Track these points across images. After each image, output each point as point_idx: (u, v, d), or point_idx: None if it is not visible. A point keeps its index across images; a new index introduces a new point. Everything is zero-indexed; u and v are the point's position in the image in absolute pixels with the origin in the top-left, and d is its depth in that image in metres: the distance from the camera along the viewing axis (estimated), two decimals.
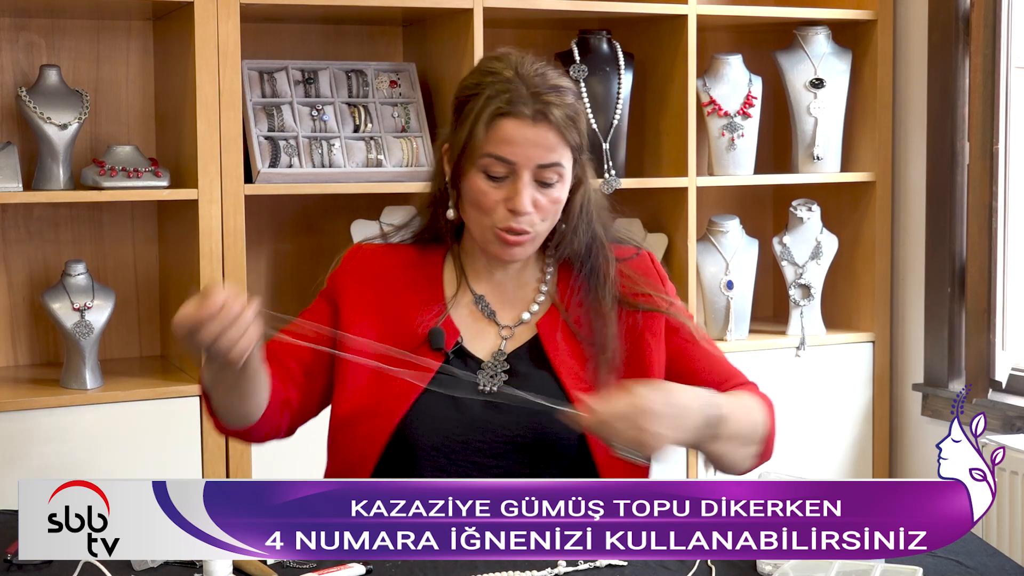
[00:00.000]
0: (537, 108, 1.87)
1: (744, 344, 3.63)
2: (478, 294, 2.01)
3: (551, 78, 1.91)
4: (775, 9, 3.66)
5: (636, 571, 1.58)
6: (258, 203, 3.30)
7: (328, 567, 1.56)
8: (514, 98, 1.88)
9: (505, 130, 1.88)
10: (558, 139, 1.89)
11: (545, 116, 1.87)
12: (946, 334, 3.62)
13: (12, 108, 3.16)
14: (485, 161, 1.89)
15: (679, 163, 3.52)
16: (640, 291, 2.00)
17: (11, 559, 1.61)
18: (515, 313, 2.01)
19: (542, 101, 1.87)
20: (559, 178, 1.91)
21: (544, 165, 1.88)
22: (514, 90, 1.88)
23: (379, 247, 2.06)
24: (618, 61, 3.50)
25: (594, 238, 2.00)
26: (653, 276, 2.05)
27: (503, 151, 1.88)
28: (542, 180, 1.89)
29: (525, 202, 1.88)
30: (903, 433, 3.82)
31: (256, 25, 3.33)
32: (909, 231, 3.77)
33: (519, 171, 1.88)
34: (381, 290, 1.99)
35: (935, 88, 3.61)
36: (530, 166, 1.88)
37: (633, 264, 2.05)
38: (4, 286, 3.22)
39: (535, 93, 1.88)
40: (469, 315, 1.99)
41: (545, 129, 1.87)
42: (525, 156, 1.88)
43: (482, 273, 2.02)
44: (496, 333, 1.99)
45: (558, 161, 1.90)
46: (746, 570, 1.59)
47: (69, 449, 2.93)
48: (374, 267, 2.02)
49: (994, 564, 1.61)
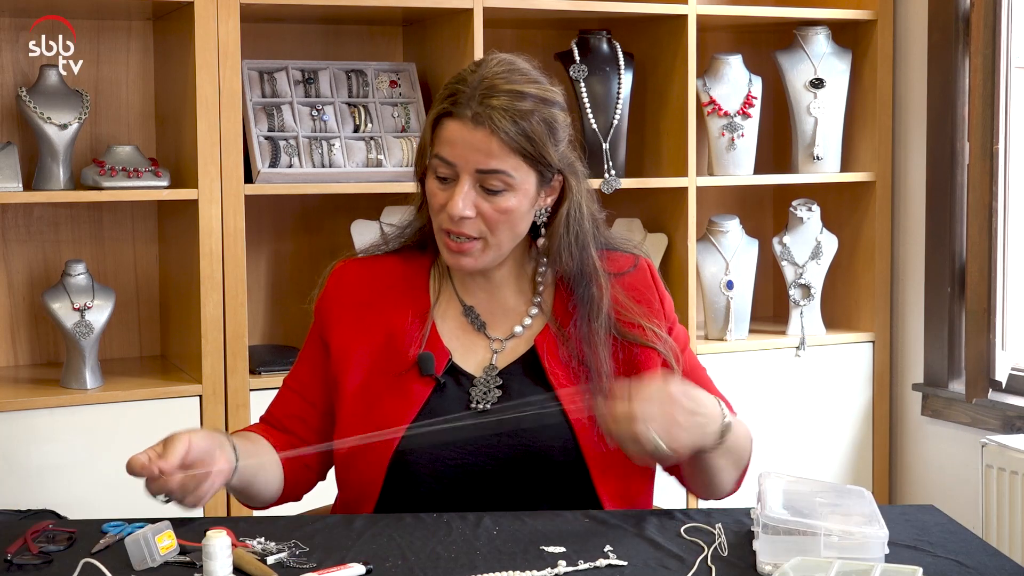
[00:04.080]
0: (478, 111, 1.81)
1: (744, 344, 3.63)
2: (467, 305, 1.97)
3: (510, 81, 1.84)
4: (775, 9, 3.67)
5: (636, 571, 1.58)
6: (258, 203, 3.30)
7: (328, 567, 1.56)
8: (459, 99, 1.83)
9: (447, 131, 1.84)
10: (501, 145, 1.81)
11: (485, 119, 1.81)
12: (946, 334, 3.63)
13: (12, 108, 3.16)
14: (434, 162, 1.86)
15: (679, 163, 3.52)
16: (634, 321, 1.93)
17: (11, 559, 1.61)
18: (507, 326, 1.96)
19: (486, 105, 1.81)
20: (506, 187, 1.83)
21: (484, 171, 1.82)
22: (462, 91, 1.83)
23: (362, 262, 2.02)
24: (618, 61, 3.50)
25: (585, 260, 1.93)
26: (651, 292, 1.98)
27: (445, 152, 1.84)
28: (486, 186, 1.83)
29: (457, 205, 1.82)
30: (903, 433, 3.82)
31: (256, 25, 3.33)
32: (909, 231, 3.77)
33: (460, 173, 1.83)
34: (368, 312, 1.95)
35: (935, 88, 3.61)
36: (469, 169, 1.83)
37: (631, 279, 1.98)
38: (4, 286, 3.22)
39: (483, 96, 1.82)
40: (458, 327, 1.95)
41: (485, 133, 1.81)
42: (464, 159, 1.83)
43: (468, 282, 1.98)
44: (487, 346, 1.94)
45: (500, 169, 1.82)
46: (746, 570, 1.59)
47: (69, 449, 2.93)
48: (358, 288, 1.98)
49: (994, 564, 1.61)
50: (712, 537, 1.70)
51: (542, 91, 1.86)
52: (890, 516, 1.70)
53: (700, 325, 3.67)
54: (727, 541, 1.68)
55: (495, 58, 1.89)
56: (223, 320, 3.04)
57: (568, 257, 1.92)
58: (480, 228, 1.85)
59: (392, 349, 1.92)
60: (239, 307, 3.05)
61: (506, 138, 1.81)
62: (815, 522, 1.59)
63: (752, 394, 3.63)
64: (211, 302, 3.02)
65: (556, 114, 1.87)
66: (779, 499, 1.68)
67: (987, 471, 3.14)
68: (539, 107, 1.84)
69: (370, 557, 1.59)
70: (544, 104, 1.85)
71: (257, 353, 3.18)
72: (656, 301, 1.98)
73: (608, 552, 1.64)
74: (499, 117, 1.81)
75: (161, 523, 1.62)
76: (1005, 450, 3.11)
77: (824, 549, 1.57)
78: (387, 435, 1.84)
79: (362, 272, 2.00)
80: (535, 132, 1.83)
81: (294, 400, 2.00)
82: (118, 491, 2.96)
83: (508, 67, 1.86)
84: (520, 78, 1.85)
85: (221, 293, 3.03)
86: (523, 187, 1.85)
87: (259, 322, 3.46)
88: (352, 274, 2.00)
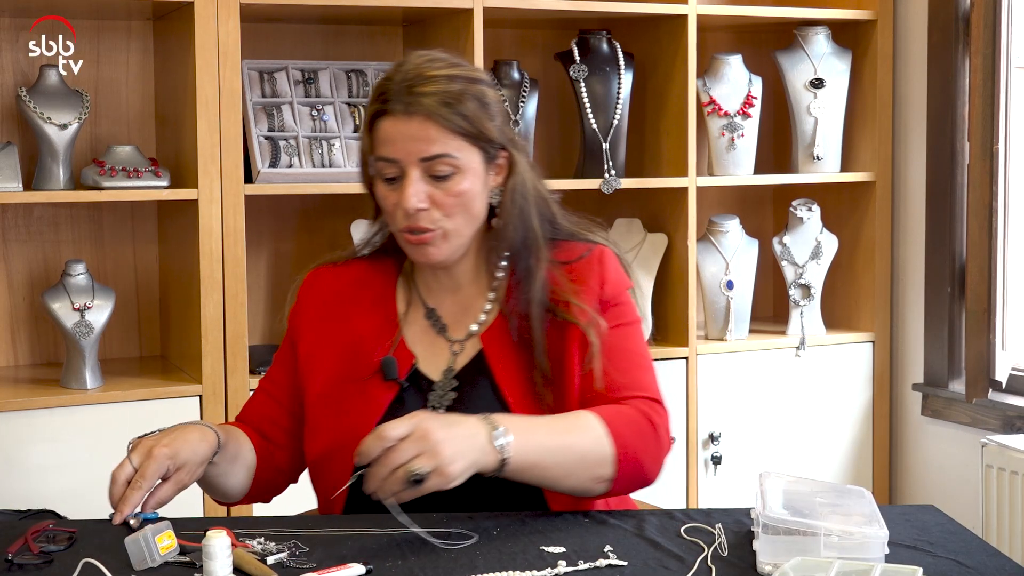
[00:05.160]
0: (407, 101, 1.82)
1: (744, 344, 3.63)
2: (430, 307, 1.97)
3: (433, 68, 1.85)
4: (775, 9, 3.67)
5: (636, 571, 1.58)
6: (258, 203, 3.30)
7: (328, 567, 1.56)
8: (387, 96, 1.84)
9: (383, 130, 1.85)
10: (439, 129, 1.82)
11: (417, 107, 1.82)
12: (946, 334, 3.63)
13: (12, 108, 3.16)
14: (378, 166, 1.87)
15: (679, 163, 3.52)
16: (564, 298, 1.91)
17: (11, 559, 1.61)
18: (465, 325, 1.96)
19: (413, 93, 1.82)
20: (454, 170, 1.84)
21: (428, 158, 1.83)
22: (388, 88, 1.84)
23: (333, 270, 2.03)
24: (618, 61, 3.50)
25: (528, 232, 1.92)
26: (592, 275, 1.95)
27: (385, 151, 1.85)
28: (434, 174, 1.84)
29: (410, 199, 1.83)
30: (903, 433, 3.82)
31: (256, 25, 3.33)
32: (909, 231, 3.77)
33: (405, 168, 1.84)
34: (336, 318, 1.97)
35: (935, 88, 3.61)
36: (413, 161, 1.83)
37: (578, 266, 1.95)
38: (4, 286, 3.22)
39: (407, 86, 1.83)
40: (422, 332, 1.96)
41: (420, 120, 1.82)
42: (405, 151, 1.83)
43: (432, 284, 1.98)
44: (448, 349, 1.95)
45: (443, 152, 1.83)
46: (746, 570, 1.59)
47: (69, 449, 2.93)
48: (327, 296, 2.00)
49: (994, 564, 1.61)
50: (712, 537, 1.70)
51: (467, 72, 1.88)
52: (890, 516, 1.70)
53: (700, 325, 3.67)
54: (727, 541, 1.68)
55: (414, 53, 1.91)
56: (223, 320, 3.04)
57: (512, 231, 1.92)
58: (436, 218, 1.86)
59: (358, 354, 1.93)
60: (239, 307, 3.05)
61: (442, 121, 1.82)
62: (815, 522, 1.59)
63: (752, 394, 3.64)
64: (211, 302, 3.02)
65: (485, 91, 1.89)
66: (779, 499, 1.68)
67: (987, 471, 3.14)
68: (468, 86, 1.86)
69: (370, 557, 1.59)
70: (472, 83, 1.87)
71: (257, 353, 3.18)
72: (595, 284, 1.94)
73: (608, 552, 1.64)
74: (431, 102, 1.82)
75: (161, 523, 1.62)
76: (1005, 450, 3.11)
77: (824, 549, 1.57)
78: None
79: (331, 279, 2.02)
80: (469, 110, 1.84)
81: (267, 402, 2.02)
82: None
83: (429, 58, 1.88)
84: (442, 63, 1.87)
85: (221, 293, 3.03)
86: (470, 167, 1.86)
87: (259, 322, 3.46)
88: (321, 281, 2.03)
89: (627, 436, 1.81)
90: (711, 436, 3.56)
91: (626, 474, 1.81)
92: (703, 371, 3.55)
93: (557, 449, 1.76)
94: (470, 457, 1.67)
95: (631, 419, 1.83)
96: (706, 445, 3.57)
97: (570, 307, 1.90)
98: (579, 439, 1.78)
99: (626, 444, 1.80)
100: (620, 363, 1.91)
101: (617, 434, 1.80)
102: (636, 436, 1.82)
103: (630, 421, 1.83)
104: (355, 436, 1.85)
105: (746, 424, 3.62)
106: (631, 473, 1.82)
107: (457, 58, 1.92)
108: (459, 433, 1.67)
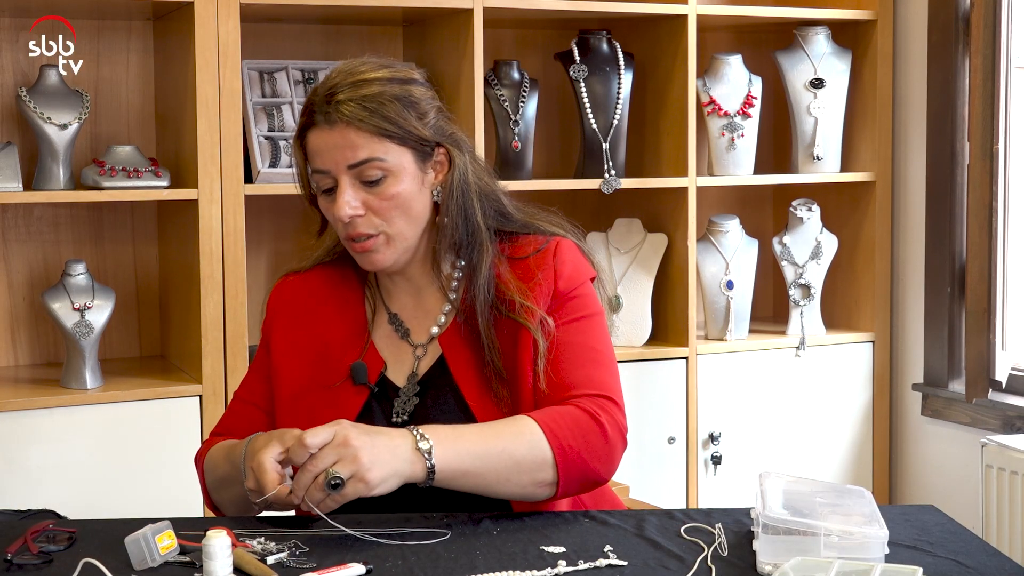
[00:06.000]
0: (327, 111, 1.82)
1: (744, 344, 3.63)
2: (392, 312, 1.97)
3: (351, 76, 1.85)
4: (775, 9, 3.67)
5: (636, 571, 1.58)
6: (258, 203, 3.30)
7: (328, 567, 1.56)
8: (311, 108, 1.84)
9: (311, 142, 1.85)
10: (361, 134, 1.82)
11: (336, 116, 1.82)
12: (946, 334, 3.63)
13: (12, 108, 3.16)
14: (314, 179, 1.87)
15: (679, 163, 3.52)
16: (510, 296, 1.89)
17: (11, 559, 1.61)
18: (427, 328, 1.95)
19: (332, 102, 1.82)
20: (384, 172, 1.83)
21: (354, 164, 1.83)
22: (312, 101, 1.85)
23: (302, 277, 2.03)
24: (618, 61, 3.50)
25: (471, 229, 1.91)
26: (548, 272, 1.91)
27: (316, 163, 1.85)
28: (365, 179, 1.84)
29: (341, 208, 1.83)
30: (903, 433, 3.82)
31: (256, 25, 3.33)
32: (909, 231, 3.77)
33: (336, 177, 1.84)
34: (305, 325, 1.97)
35: (935, 88, 3.61)
36: (341, 169, 1.83)
37: (532, 260, 1.92)
38: (4, 286, 3.22)
39: (327, 96, 1.83)
40: (388, 337, 1.95)
41: (342, 128, 1.82)
42: (333, 161, 1.83)
43: (392, 290, 1.98)
44: (412, 353, 1.94)
45: (369, 156, 1.82)
46: (746, 570, 1.59)
47: (69, 449, 2.93)
48: (297, 303, 2.00)
49: (994, 564, 1.61)
50: (712, 537, 1.70)
51: (389, 73, 1.87)
52: (890, 516, 1.70)
53: (700, 325, 3.67)
54: (727, 541, 1.68)
55: (338, 64, 1.90)
56: (223, 320, 3.04)
57: (454, 228, 1.90)
58: (373, 223, 1.85)
59: (328, 361, 1.93)
60: (239, 307, 3.05)
61: (362, 125, 1.82)
62: (815, 522, 1.59)
63: (752, 394, 3.64)
64: (211, 302, 3.02)
65: (410, 89, 1.87)
66: (779, 499, 1.68)
67: (987, 471, 3.14)
68: (386, 87, 1.84)
69: (370, 557, 1.59)
70: (392, 83, 1.85)
71: None
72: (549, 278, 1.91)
73: (608, 552, 1.63)
74: (347, 109, 1.81)
75: (161, 523, 1.62)
76: (1005, 450, 3.11)
77: (824, 549, 1.57)
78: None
79: (299, 287, 2.02)
80: (390, 111, 1.83)
81: (247, 411, 2.00)
82: (119, 491, 2.97)
83: (350, 66, 1.87)
84: (364, 68, 1.86)
85: (221, 293, 3.03)
86: (402, 168, 1.85)
87: (259, 322, 3.45)
88: (290, 291, 2.03)
89: (568, 437, 1.77)
90: (711, 436, 3.56)
91: (571, 476, 1.78)
92: (703, 371, 3.55)
93: (487, 455, 1.73)
94: (391, 466, 1.66)
95: (574, 419, 1.80)
96: (706, 445, 3.57)
97: (515, 306, 1.88)
98: (511, 444, 1.75)
99: (567, 446, 1.77)
100: (574, 359, 1.87)
101: (555, 436, 1.77)
102: (578, 437, 1.78)
103: (573, 422, 1.79)
104: None
105: (746, 424, 3.62)
106: (577, 475, 1.78)
107: (384, 59, 1.91)
108: (379, 442, 1.67)
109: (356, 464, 1.64)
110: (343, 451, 1.64)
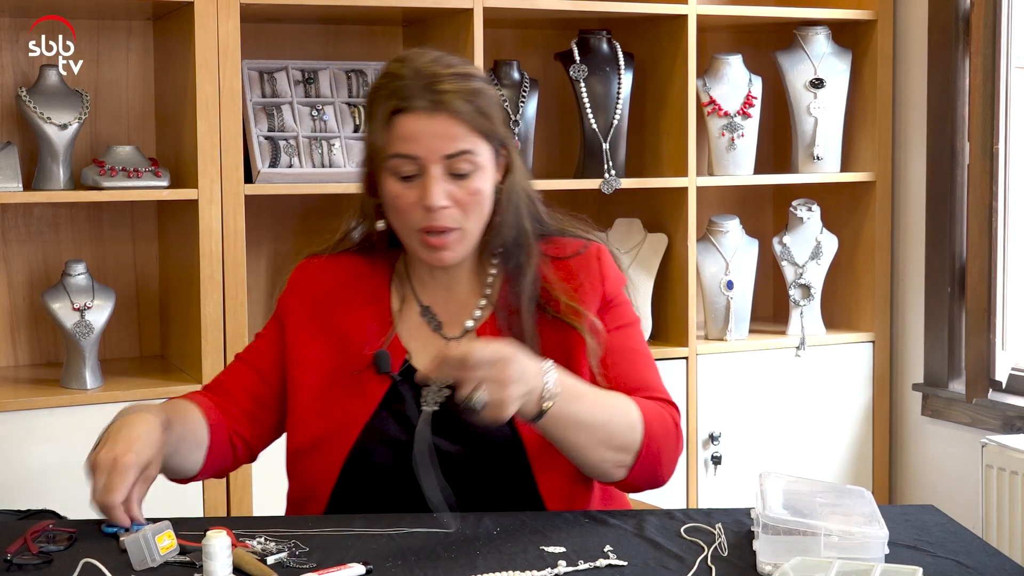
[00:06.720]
0: (432, 98, 1.81)
1: (744, 344, 3.63)
2: (424, 305, 1.96)
3: (450, 66, 1.86)
4: (775, 9, 3.67)
5: (636, 571, 1.58)
6: (258, 203, 3.30)
7: (328, 567, 1.56)
8: (407, 93, 1.83)
9: (404, 126, 1.83)
10: (461, 126, 1.82)
11: (441, 104, 1.81)
12: (946, 334, 3.63)
13: (12, 108, 3.17)
14: (392, 163, 1.84)
15: (679, 163, 3.52)
16: (556, 297, 1.91)
17: (11, 559, 1.61)
18: (460, 322, 1.95)
19: (436, 90, 1.82)
20: (474, 167, 1.84)
21: (451, 155, 1.82)
22: (407, 85, 1.83)
23: (327, 260, 2.02)
24: (618, 61, 3.50)
25: (520, 232, 1.92)
26: (590, 273, 1.95)
27: (406, 148, 1.83)
28: (455, 171, 1.83)
29: (436, 196, 1.82)
30: (903, 433, 3.82)
31: (256, 25, 3.33)
32: (909, 231, 3.77)
33: (426, 165, 1.82)
34: (328, 310, 1.96)
35: (935, 88, 3.61)
36: (436, 158, 1.82)
37: (574, 262, 1.95)
38: (4, 286, 3.22)
39: (428, 84, 1.82)
40: (416, 329, 1.95)
41: (444, 118, 1.82)
42: (429, 148, 1.82)
43: (427, 281, 1.97)
44: (443, 346, 1.92)
45: (466, 148, 1.83)
46: (746, 570, 1.59)
47: (69, 449, 2.92)
48: (320, 285, 1.99)
49: (994, 564, 1.61)
50: (712, 537, 1.70)
51: (475, 71, 1.90)
52: (890, 516, 1.70)
53: (700, 325, 3.67)
54: (727, 541, 1.68)
55: (415, 51, 1.91)
56: (223, 320, 3.04)
57: (508, 229, 1.91)
58: (456, 216, 1.85)
59: (350, 349, 1.92)
60: (239, 307, 3.05)
61: (467, 118, 1.83)
62: (815, 522, 1.59)
63: (752, 394, 3.64)
64: (211, 302, 3.02)
65: (492, 90, 1.90)
66: (779, 499, 1.68)
67: (987, 471, 3.14)
68: (486, 85, 1.88)
69: (370, 557, 1.59)
70: (484, 81, 1.89)
71: None
72: (596, 282, 1.94)
73: (608, 552, 1.64)
74: (453, 99, 1.82)
75: (161, 523, 1.62)
76: (1005, 450, 3.11)
77: (824, 549, 1.57)
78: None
79: (324, 269, 2.01)
80: (486, 108, 1.85)
81: (246, 372, 1.99)
82: None
83: (435, 56, 1.88)
84: (454, 62, 1.88)
85: (221, 293, 3.03)
86: (485, 165, 1.87)
87: (259, 322, 3.46)
88: (315, 271, 2.01)
89: (657, 431, 1.83)
90: (711, 436, 3.56)
91: (644, 468, 1.82)
92: (703, 371, 3.55)
93: (592, 424, 1.76)
94: (518, 404, 1.67)
95: (663, 421, 1.85)
96: (706, 445, 3.57)
97: (560, 305, 1.90)
98: (617, 419, 1.79)
99: (654, 438, 1.82)
100: (630, 364, 1.92)
101: (650, 428, 1.81)
102: (663, 434, 1.84)
103: (663, 422, 1.85)
104: (344, 429, 1.86)
105: (746, 424, 3.62)
106: (648, 470, 1.83)
107: (457, 57, 1.93)
108: (528, 370, 1.67)
109: (502, 394, 1.63)
110: (498, 373, 1.63)
